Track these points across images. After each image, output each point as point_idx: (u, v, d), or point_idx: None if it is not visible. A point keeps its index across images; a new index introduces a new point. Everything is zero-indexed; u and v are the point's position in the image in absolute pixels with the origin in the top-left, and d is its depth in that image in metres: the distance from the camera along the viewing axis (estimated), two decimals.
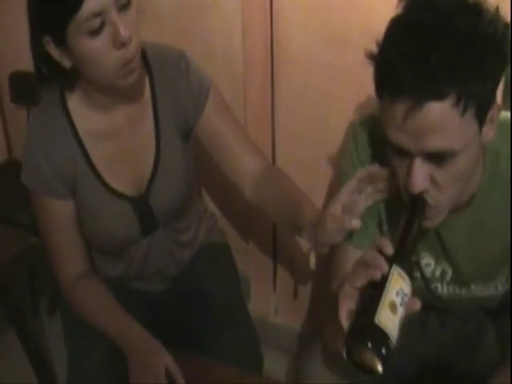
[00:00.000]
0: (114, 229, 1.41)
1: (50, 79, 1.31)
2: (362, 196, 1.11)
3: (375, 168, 1.10)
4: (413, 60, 0.93)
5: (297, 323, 2.14)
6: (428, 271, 1.27)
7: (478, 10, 0.96)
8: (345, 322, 0.93)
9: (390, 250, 0.94)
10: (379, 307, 0.86)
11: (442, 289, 1.29)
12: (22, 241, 1.94)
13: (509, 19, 0.99)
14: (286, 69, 1.72)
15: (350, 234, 1.21)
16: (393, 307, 0.87)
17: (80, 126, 1.34)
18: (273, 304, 2.16)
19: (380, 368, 0.86)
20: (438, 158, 0.99)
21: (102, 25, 1.15)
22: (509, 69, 1.01)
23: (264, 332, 1.64)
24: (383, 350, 0.84)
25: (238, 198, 1.90)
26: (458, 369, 1.33)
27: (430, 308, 1.38)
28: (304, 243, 1.90)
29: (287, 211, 1.34)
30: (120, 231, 1.42)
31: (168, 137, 1.40)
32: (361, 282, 0.92)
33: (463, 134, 0.98)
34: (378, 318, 0.85)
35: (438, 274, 1.27)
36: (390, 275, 0.90)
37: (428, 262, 1.26)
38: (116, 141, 1.37)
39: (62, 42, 1.18)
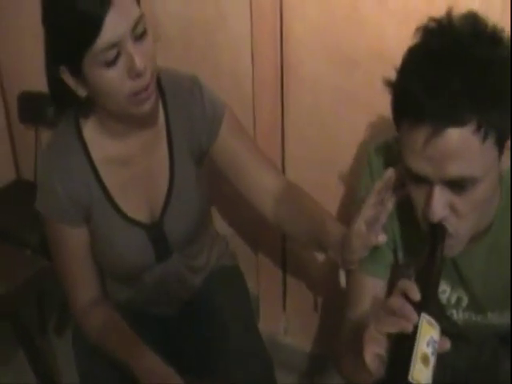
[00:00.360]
0: (128, 255, 1.41)
1: (65, 106, 1.32)
2: (382, 208, 1.12)
3: (389, 174, 1.11)
4: (433, 87, 0.93)
5: (307, 343, 2.13)
6: (444, 298, 1.27)
7: (496, 38, 0.97)
8: (372, 365, 0.95)
9: (417, 295, 0.94)
10: (412, 363, 0.86)
11: (458, 315, 1.29)
12: (33, 264, 1.97)
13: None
14: (295, 91, 1.73)
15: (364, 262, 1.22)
16: (425, 360, 0.88)
17: (95, 153, 1.34)
18: (282, 324, 2.15)
19: None
20: (457, 186, 0.99)
21: (118, 55, 1.15)
22: None
23: (273, 351, 1.63)
24: None
25: (246, 215, 1.91)
26: None
27: (444, 334, 1.38)
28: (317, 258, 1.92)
29: (310, 230, 1.35)
30: (134, 258, 1.42)
31: (182, 162, 1.40)
32: (389, 329, 0.93)
33: (484, 160, 0.98)
34: (411, 375, 0.86)
35: (453, 300, 1.27)
36: (420, 325, 0.91)
37: (444, 289, 1.26)
38: (130, 167, 1.37)
39: (77, 71, 1.19)
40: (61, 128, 1.36)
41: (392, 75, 1.04)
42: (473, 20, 0.98)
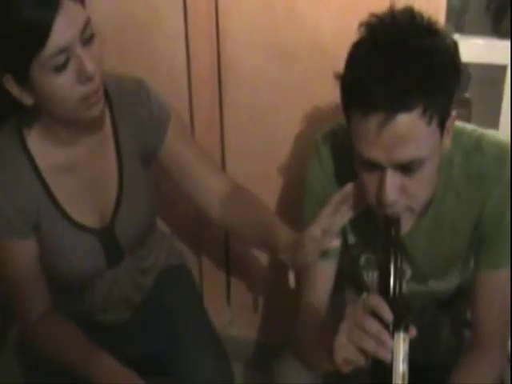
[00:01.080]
0: (80, 263, 1.39)
1: (6, 116, 1.28)
2: (337, 217, 1.16)
3: (348, 188, 1.16)
4: (382, 76, 1.00)
5: (252, 333, 2.16)
6: None
7: (433, 29, 1.05)
8: (343, 367, 1.04)
9: (390, 316, 1.00)
10: None
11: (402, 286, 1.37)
12: None
13: None
14: (233, 87, 1.74)
15: None
16: (403, 377, 0.96)
17: (40, 161, 1.31)
18: (227, 316, 2.17)
19: None
20: (407, 168, 1.06)
21: (67, 60, 1.13)
22: None
23: None
24: None
25: (187, 211, 1.93)
26: (418, 360, 1.40)
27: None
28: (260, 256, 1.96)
29: (259, 232, 1.38)
30: (87, 265, 1.40)
31: (130, 166, 1.40)
32: (364, 348, 1.00)
33: (429, 142, 1.06)
34: None
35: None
36: (395, 345, 0.98)
37: None
38: (79, 174, 1.35)
39: (24, 79, 1.16)
40: (1, 140, 1.31)
41: (329, 67, 1.10)
42: (411, 14, 1.06)
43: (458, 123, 1.19)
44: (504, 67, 1.70)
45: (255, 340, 2.17)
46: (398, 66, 0.99)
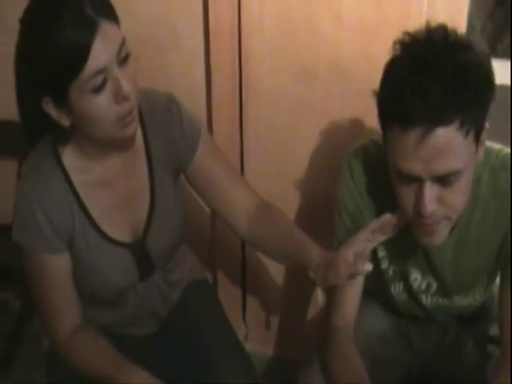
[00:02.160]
0: (113, 277, 1.41)
1: (41, 136, 1.31)
2: (371, 243, 1.20)
3: (386, 218, 1.18)
4: (420, 92, 1.05)
5: (267, 348, 2.19)
6: (415, 285, 1.40)
7: (467, 45, 1.10)
8: None
9: None
10: None
11: (427, 299, 1.42)
12: None
13: None
14: (254, 106, 1.79)
15: None
16: None
17: (75, 177, 1.34)
18: (242, 332, 2.19)
19: None
20: (445, 180, 1.11)
21: (105, 81, 1.17)
22: None
23: None
24: None
25: (204, 227, 1.95)
26: (441, 377, 1.44)
27: (411, 321, 1.52)
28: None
29: (287, 248, 1.40)
30: (119, 279, 1.43)
31: (162, 181, 1.43)
32: None
33: (466, 154, 1.11)
34: None
35: (423, 286, 1.40)
36: None
37: (416, 277, 1.39)
38: (111, 189, 1.38)
39: (62, 101, 1.19)
40: (37, 156, 1.34)
41: (349, 87, 1.14)
42: (444, 31, 1.11)
43: (486, 142, 1.24)
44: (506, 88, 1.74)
45: (270, 355, 2.19)
46: (435, 82, 1.04)
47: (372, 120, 1.22)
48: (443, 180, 1.11)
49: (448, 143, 1.07)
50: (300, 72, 1.69)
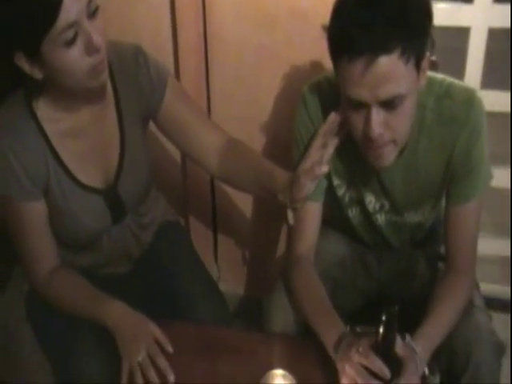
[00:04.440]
0: (87, 221, 1.49)
1: (13, 89, 1.37)
2: (326, 149, 1.31)
3: (333, 117, 1.31)
4: (364, 25, 1.15)
5: (238, 288, 2.31)
6: (370, 207, 1.52)
7: None
8: None
9: (387, 374, 1.18)
10: None
11: (381, 218, 1.55)
12: None
13: None
14: (219, 54, 1.86)
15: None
16: None
17: (48, 128, 1.40)
18: (215, 274, 2.29)
19: None
20: (390, 104, 1.22)
21: (76, 34, 1.23)
22: None
23: None
24: None
25: (173, 172, 2.03)
26: (396, 298, 1.56)
27: (368, 247, 1.65)
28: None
29: (257, 178, 1.51)
30: (94, 223, 1.51)
31: (131, 129, 1.50)
32: None
33: (408, 80, 1.20)
34: None
35: (377, 207, 1.53)
36: None
37: (370, 200, 1.51)
38: (83, 138, 1.45)
39: (35, 56, 1.25)
40: (10, 109, 1.40)
41: (309, 33, 1.23)
42: None
43: (430, 73, 1.34)
44: (465, 31, 1.84)
45: (242, 295, 2.31)
46: (378, 15, 1.14)
47: (329, 63, 1.29)
48: (388, 104, 1.21)
49: (390, 70, 1.16)
50: (262, 20, 1.76)
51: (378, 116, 1.22)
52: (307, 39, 1.71)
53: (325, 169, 1.32)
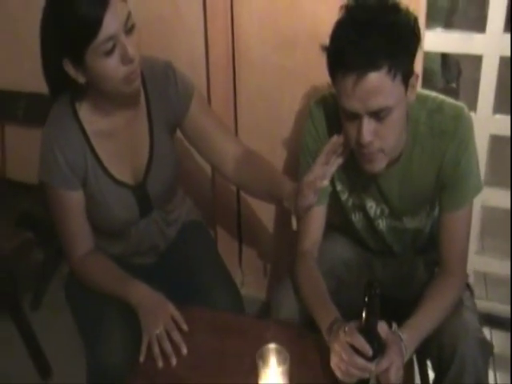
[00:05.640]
0: (118, 212, 1.69)
1: (62, 92, 1.59)
2: (329, 166, 1.45)
3: (335, 139, 1.44)
4: (356, 45, 1.31)
5: (261, 294, 2.46)
6: (371, 212, 1.66)
7: (397, 8, 1.36)
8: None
9: (370, 352, 1.30)
10: None
11: (382, 223, 1.68)
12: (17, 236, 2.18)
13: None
14: (245, 72, 2.06)
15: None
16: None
17: (88, 128, 1.61)
18: (239, 279, 2.46)
19: None
20: (379, 115, 1.36)
21: (114, 46, 1.44)
22: None
23: None
24: None
25: (203, 184, 2.21)
26: (398, 299, 1.68)
27: (374, 254, 1.79)
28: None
29: (267, 186, 1.67)
30: (123, 214, 1.70)
31: (160, 134, 1.70)
32: (353, 374, 1.32)
33: (395, 94, 1.35)
34: None
35: (378, 212, 1.66)
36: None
37: (371, 205, 1.65)
38: (118, 140, 1.65)
39: (79, 62, 1.46)
40: (58, 109, 1.62)
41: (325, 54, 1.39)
42: None
43: (425, 90, 1.51)
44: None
45: (263, 299, 2.46)
46: (367, 36, 1.30)
47: None
48: (377, 115, 1.36)
49: (379, 85, 1.31)
50: (283, 42, 1.95)
51: (368, 125, 1.37)
52: (324, 60, 1.87)
53: (325, 183, 1.42)
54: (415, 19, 1.37)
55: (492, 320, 2.32)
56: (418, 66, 1.82)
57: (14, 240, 2.16)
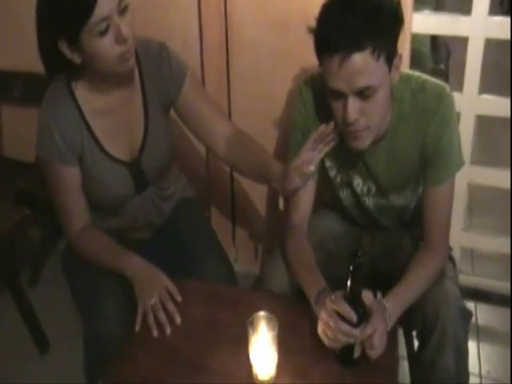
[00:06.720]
0: (113, 188, 1.74)
1: (58, 72, 1.63)
2: (316, 152, 1.50)
3: (322, 128, 1.49)
4: (340, 27, 1.36)
5: (255, 269, 2.49)
6: (358, 189, 1.72)
7: None
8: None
9: (355, 318, 1.36)
10: (355, 351, 1.41)
11: (369, 200, 1.74)
12: (15, 214, 2.23)
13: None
14: (238, 53, 2.11)
15: None
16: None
17: (84, 106, 1.66)
18: (233, 255, 2.52)
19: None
20: (364, 94, 1.42)
21: (108, 26, 1.48)
22: None
23: None
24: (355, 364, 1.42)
25: (199, 163, 2.25)
26: (385, 272, 1.74)
27: (362, 229, 1.84)
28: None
29: (257, 167, 1.72)
30: (119, 190, 1.75)
31: (154, 112, 1.74)
32: (338, 339, 1.39)
33: (379, 74, 1.40)
34: (355, 355, 1.41)
35: (365, 190, 1.72)
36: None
37: (358, 182, 1.71)
38: (113, 117, 1.70)
39: (75, 43, 1.51)
40: (54, 88, 1.66)
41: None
42: None
43: (409, 70, 1.57)
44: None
45: (257, 274, 2.50)
46: (352, 19, 1.36)
47: None
48: (362, 94, 1.41)
49: (363, 65, 1.36)
50: (275, 23, 2.00)
51: (353, 104, 1.43)
52: None
53: (312, 168, 1.49)
54: (398, 2, 1.42)
55: (478, 294, 2.40)
56: (406, 47, 1.87)
57: (13, 217, 2.19)
